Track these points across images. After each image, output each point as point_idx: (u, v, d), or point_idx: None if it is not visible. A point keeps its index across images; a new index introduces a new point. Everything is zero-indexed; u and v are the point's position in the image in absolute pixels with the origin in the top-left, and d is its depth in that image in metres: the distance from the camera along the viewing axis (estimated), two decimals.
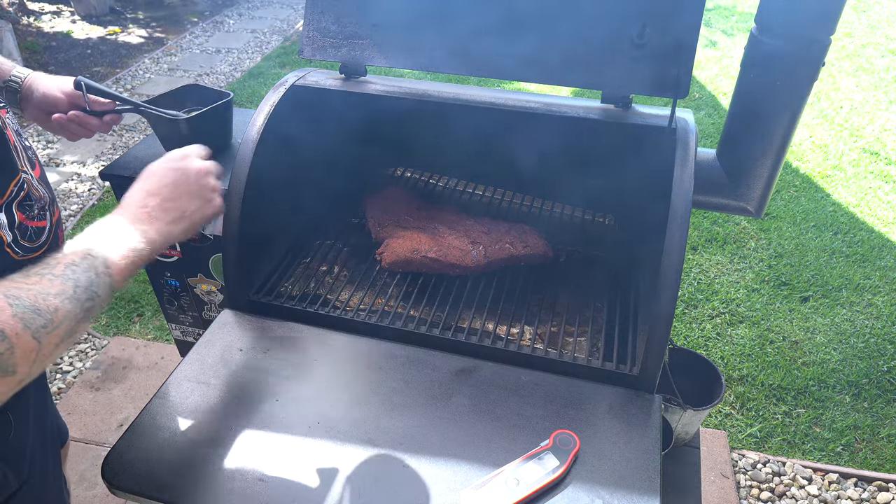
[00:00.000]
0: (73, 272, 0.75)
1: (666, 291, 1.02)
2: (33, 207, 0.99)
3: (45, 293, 0.70)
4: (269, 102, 1.26)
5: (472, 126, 1.31)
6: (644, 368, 1.06)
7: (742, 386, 2.44)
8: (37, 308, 0.68)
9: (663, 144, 1.16)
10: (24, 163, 0.99)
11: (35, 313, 0.68)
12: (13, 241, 0.95)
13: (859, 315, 2.73)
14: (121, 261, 0.81)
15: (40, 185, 1.04)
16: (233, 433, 0.98)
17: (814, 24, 1.13)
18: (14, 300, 0.67)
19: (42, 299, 0.69)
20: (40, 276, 0.72)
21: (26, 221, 0.98)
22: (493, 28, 1.22)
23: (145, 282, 2.88)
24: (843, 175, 3.66)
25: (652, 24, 1.14)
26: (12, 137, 0.97)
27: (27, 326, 0.66)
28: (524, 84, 4.16)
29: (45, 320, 0.69)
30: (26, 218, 0.98)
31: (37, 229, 1.01)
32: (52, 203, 1.07)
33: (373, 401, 1.04)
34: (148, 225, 0.88)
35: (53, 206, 1.08)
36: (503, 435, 0.98)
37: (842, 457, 2.19)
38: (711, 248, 3.14)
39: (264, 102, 1.27)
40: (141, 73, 5.10)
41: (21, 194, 0.97)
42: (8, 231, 0.93)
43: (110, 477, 0.92)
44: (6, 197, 0.93)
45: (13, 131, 0.99)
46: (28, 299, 0.68)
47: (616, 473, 0.92)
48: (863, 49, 5.12)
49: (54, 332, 0.70)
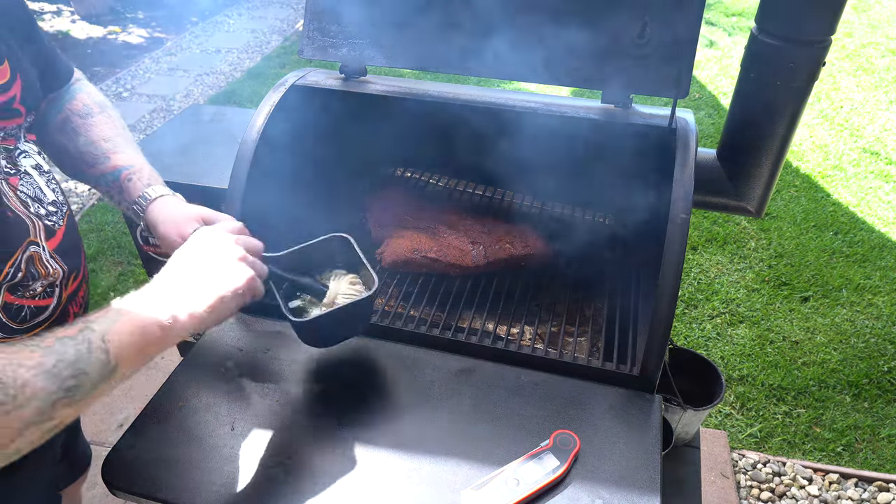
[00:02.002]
0: (62, 345, 0.66)
1: (666, 291, 1.02)
2: (33, 287, 0.89)
3: (18, 364, 0.62)
4: (269, 102, 1.26)
5: (472, 126, 1.31)
6: (644, 368, 1.06)
7: (742, 386, 2.43)
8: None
9: (664, 144, 1.16)
10: (37, 233, 0.89)
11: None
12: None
13: (860, 315, 2.73)
14: (123, 337, 0.71)
15: (54, 258, 0.93)
16: (233, 433, 0.98)
17: (814, 24, 1.13)
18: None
19: (11, 370, 0.61)
20: (24, 347, 0.64)
21: (18, 301, 0.87)
22: (493, 28, 1.22)
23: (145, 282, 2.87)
24: (843, 175, 3.66)
25: (652, 24, 1.14)
26: (20, 209, 0.88)
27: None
28: (524, 84, 4.16)
29: (4, 395, 0.59)
30: (19, 297, 0.87)
31: (35, 308, 0.90)
32: (69, 277, 0.96)
33: (373, 401, 1.04)
34: (168, 304, 0.77)
35: (71, 280, 0.97)
36: (503, 435, 0.98)
37: (842, 457, 2.19)
38: (712, 247, 3.14)
39: (264, 103, 1.27)
40: (141, 73, 5.10)
41: (18, 275, 0.86)
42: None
43: (110, 477, 0.92)
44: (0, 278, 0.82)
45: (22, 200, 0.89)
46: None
47: (616, 473, 0.92)
48: (863, 49, 5.12)
49: (18, 411, 0.60)
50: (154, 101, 4.63)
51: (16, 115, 0.88)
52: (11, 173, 0.90)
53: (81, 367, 0.66)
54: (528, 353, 1.16)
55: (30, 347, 0.64)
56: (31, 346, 0.64)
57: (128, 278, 2.95)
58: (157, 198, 1.03)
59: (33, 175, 0.94)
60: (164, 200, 1.03)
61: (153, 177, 1.07)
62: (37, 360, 0.63)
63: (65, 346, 0.66)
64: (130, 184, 1.04)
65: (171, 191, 1.06)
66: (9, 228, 0.83)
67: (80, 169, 1.07)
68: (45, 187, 0.95)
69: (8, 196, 0.86)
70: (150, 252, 2.09)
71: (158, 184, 1.06)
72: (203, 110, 2.27)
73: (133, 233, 2.06)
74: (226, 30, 6.08)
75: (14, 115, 0.88)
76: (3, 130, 0.88)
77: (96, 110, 1.09)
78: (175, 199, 1.04)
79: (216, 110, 2.23)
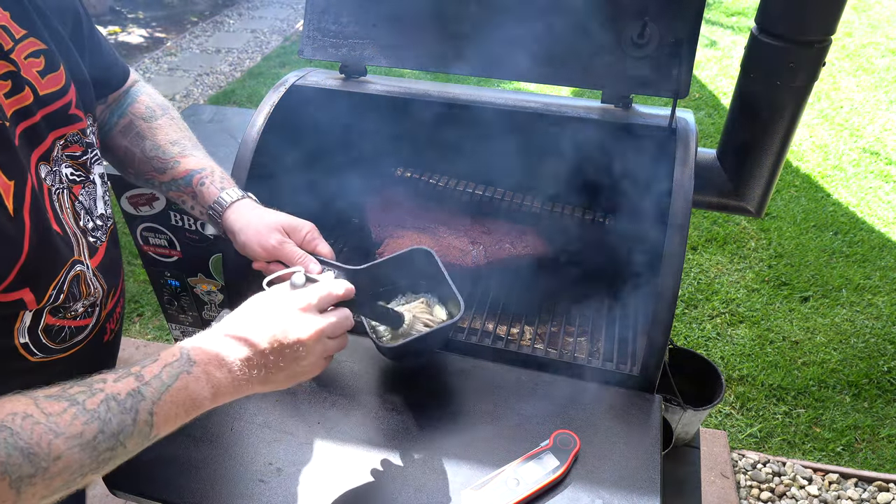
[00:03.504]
0: (108, 410, 0.62)
1: (666, 291, 1.02)
2: (75, 307, 0.85)
3: (56, 432, 0.58)
4: (269, 102, 1.26)
5: (471, 126, 1.31)
6: (644, 368, 1.06)
7: (742, 386, 2.43)
8: (31, 453, 0.56)
9: (664, 144, 1.16)
10: (81, 250, 0.85)
11: (26, 458, 0.56)
12: (30, 343, 0.79)
13: (859, 315, 2.73)
14: (172, 409, 0.67)
15: (97, 275, 0.88)
16: (233, 433, 0.98)
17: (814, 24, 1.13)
18: (7, 435, 0.56)
19: (47, 442, 0.57)
20: (69, 404, 0.60)
21: (59, 322, 0.83)
22: (493, 28, 1.22)
23: (145, 282, 2.88)
24: (843, 175, 3.66)
25: (652, 24, 1.14)
26: (69, 224, 0.82)
27: (6, 473, 0.55)
28: (524, 84, 4.16)
29: (35, 469, 0.56)
30: (60, 318, 0.83)
31: (74, 329, 0.87)
32: (108, 295, 0.92)
33: (371, 401, 1.04)
34: (222, 373, 0.71)
35: (110, 297, 0.93)
36: (503, 435, 0.98)
37: (842, 457, 2.19)
38: (711, 247, 3.14)
39: (264, 103, 1.27)
40: (141, 73, 5.10)
41: (61, 297, 0.80)
42: (25, 334, 0.78)
43: (110, 477, 0.92)
44: (42, 302, 0.77)
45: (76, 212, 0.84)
46: (26, 438, 0.56)
47: (616, 473, 0.92)
48: (863, 49, 5.12)
49: (44, 482, 0.57)
50: None
51: (75, 121, 0.85)
52: (77, 181, 0.86)
53: (121, 440, 0.63)
54: (528, 352, 1.16)
55: (74, 407, 0.60)
56: (76, 408, 0.60)
57: (128, 278, 2.95)
58: (233, 202, 1.00)
59: (97, 184, 0.91)
60: (241, 206, 1.00)
61: (225, 179, 1.03)
62: (78, 429, 0.59)
63: (110, 413, 0.62)
64: (203, 188, 1.00)
65: (244, 193, 1.02)
66: (55, 248, 0.78)
67: (148, 175, 1.04)
68: (100, 199, 0.92)
69: (64, 209, 0.82)
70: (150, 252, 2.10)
71: (231, 186, 1.02)
72: (203, 110, 2.27)
73: (133, 232, 2.06)
74: (226, 30, 6.08)
75: (73, 121, 0.85)
76: (64, 138, 0.84)
77: (159, 112, 1.06)
78: (252, 204, 1.01)
79: (216, 110, 2.23)
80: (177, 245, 2.03)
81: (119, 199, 1.99)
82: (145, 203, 1.96)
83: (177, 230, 1.98)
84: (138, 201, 1.96)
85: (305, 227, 0.99)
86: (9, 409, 0.58)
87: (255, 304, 0.79)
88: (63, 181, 0.84)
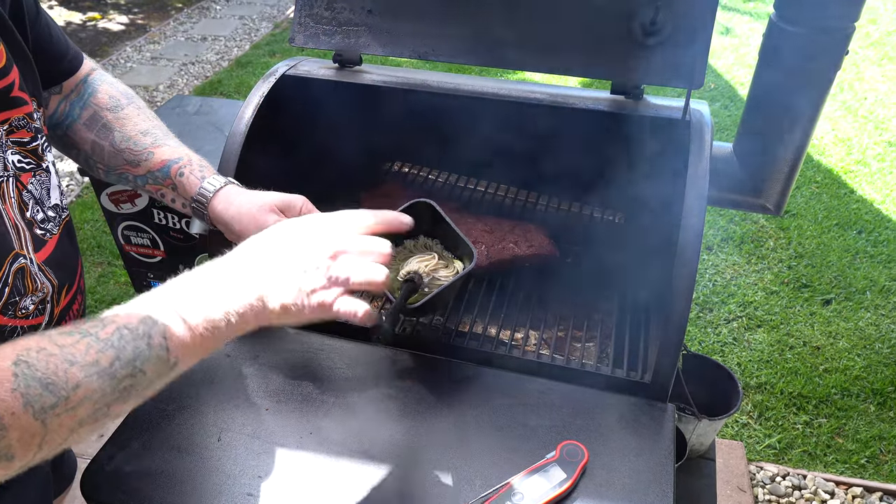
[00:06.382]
0: (121, 338, 0.64)
1: (679, 294, 1.02)
2: (25, 304, 0.84)
3: (72, 361, 0.60)
4: (258, 93, 1.26)
5: (473, 118, 1.31)
6: (656, 376, 1.06)
7: (760, 394, 2.44)
8: (49, 382, 0.58)
9: (677, 138, 1.16)
10: (23, 244, 0.83)
11: (45, 389, 0.58)
12: None
13: (885, 319, 2.73)
14: (186, 333, 0.68)
15: (43, 270, 0.87)
16: (219, 444, 0.98)
17: (837, 10, 1.13)
18: (24, 368, 0.58)
19: (63, 370, 0.59)
20: (81, 336, 0.63)
21: (12, 322, 0.82)
22: (495, 14, 1.22)
23: (127, 283, 2.88)
24: (867, 170, 3.66)
25: (665, 10, 1.14)
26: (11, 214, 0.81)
27: (29, 405, 0.57)
28: (528, 74, 4.16)
29: (56, 398, 0.59)
30: (11, 318, 0.82)
31: (29, 329, 0.85)
32: (60, 291, 0.91)
33: (368, 410, 1.04)
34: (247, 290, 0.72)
35: (63, 294, 0.92)
36: (506, 446, 0.98)
37: (866, 469, 2.19)
38: (728, 247, 3.14)
39: (253, 93, 1.27)
40: (122, 62, 5.10)
41: (6, 291, 0.80)
42: None
43: (89, 491, 0.92)
44: None
45: (24, 202, 0.83)
46: (42, 368, 0.59)
47: (627, 487, 0.92)
48: (888, 37, 5.12)
49: (68, 413, 0.59)
50: (136, 91, 4.64)
51: (20, 104, 0.83)
52: (27, 169, 0.85)
53: (139, 366, 0.64)
54: (533, 359, 1.16)
55: (87, 338, 0.63)
56: (89, 338, 0.63)
57: (108, 280, 2.96)
58: (217, 190, 0.99)
59: (52, 173, 0.89)
60: (227, 193, 0.99)
61: (205, 167, 1.02)
62: (93, 357, 0.62)
63: (123, 341, 0.64)
64: (183, 178, 1.00)
65: (227, 179, 1.01)
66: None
67: (121, 169, 1.02)
68: (54, 189, 0.90)
69: (8, 199, 0.81)
70: (132, 252, 2.10)
71: (212, 174, 1.01)
72: (188, 101, 2.27)
73: (114, 231, 2.06)
74: (212, 16, 6.08)
75: (17, 104, 0.83)
76: (8, 122, 0.82)
77: (125, 102, 1.05)
78: (237, 189, 1.00)
79: (202, 101, 2.23)
80: (160, 245, 2.03)
81: (99, 196, 1.98)
82: (127, 200, 1.96)
83: (160, 229, 1.98)
84: (119, 198, 1.96)
85: (299, 201, 1.00)
86: (23, 345, 0.60)
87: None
88: (9, 169, 0.82)
